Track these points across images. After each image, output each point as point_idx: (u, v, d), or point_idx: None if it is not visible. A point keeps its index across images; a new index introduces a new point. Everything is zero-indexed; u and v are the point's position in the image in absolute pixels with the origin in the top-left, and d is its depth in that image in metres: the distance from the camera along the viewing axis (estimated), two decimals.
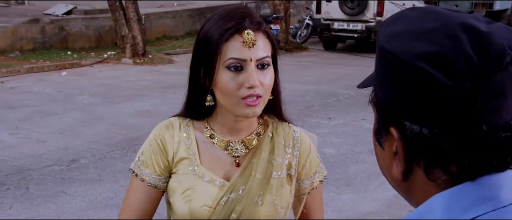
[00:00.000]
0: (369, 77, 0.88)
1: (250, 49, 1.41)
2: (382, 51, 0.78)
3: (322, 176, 1.64)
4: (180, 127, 1.56)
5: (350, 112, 7.91)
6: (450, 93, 0.71)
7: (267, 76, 1.44)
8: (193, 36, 15.30)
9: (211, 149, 1.53)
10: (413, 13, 0.80)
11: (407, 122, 0.75)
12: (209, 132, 1.54)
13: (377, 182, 5.22)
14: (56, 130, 6.80)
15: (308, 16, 16.17)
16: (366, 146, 6.28)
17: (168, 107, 7.88)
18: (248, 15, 1.44)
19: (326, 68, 12.17)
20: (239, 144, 1.53)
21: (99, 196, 4.81)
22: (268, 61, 1.45)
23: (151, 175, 1.54)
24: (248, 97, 1.41)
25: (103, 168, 5.47)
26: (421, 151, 0.76)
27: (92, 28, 13.96)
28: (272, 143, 1.54)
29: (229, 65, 1.41)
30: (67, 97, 8.68)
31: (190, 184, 1.50)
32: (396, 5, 14.94)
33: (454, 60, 0.71)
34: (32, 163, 5.58)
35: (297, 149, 1.57)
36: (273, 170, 1.51)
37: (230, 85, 1.41)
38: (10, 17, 13.16)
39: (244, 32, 1.41)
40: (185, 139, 1.54)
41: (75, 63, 11.71)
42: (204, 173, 1.50)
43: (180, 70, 11.17)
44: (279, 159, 1.52)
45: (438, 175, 0.76)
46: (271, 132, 1.55)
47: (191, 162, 1.52)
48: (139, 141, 6.30)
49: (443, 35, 0.73)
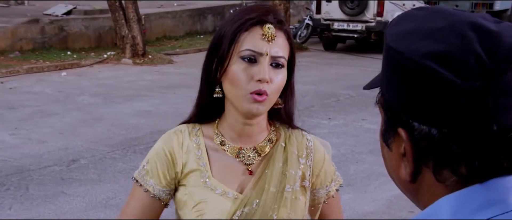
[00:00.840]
0: (375, 79, 0.87)
1: (268, 44, 1.37)
2: (390, 51, 0.77)
3: (338, 184, 1.59)
4: (190, 135, 1.49)
5: (350, 112, 7.90)
6: (459, 92, 0.70)
7: (279, 76, 1.39)
8: (193, 36, 15.34)
9: (222, 158, 1.47)
10: (420, 12, 0.79)
11: (416, 122, 0.74)
12: (219, 138, 1.47)
13: (377, 182, 5.22)
14: (56, 130, 6.80)
15: (308, 16, 16.16)
16: (366, 146, 6.28)
17: (168, 107, 7.89)
18: (272, 11, 1.41)
19: (326, 68, 12.17)
20: (251, 151, 1.47)
21: (99, 196, 4.80)
22: (282, 63, 1.40)
23: (155, 186, 1.47)
24: (256, 93, 1.36)
25: (103, 169, 5.47)
26: (430, 151, 0.74)
27: (92, 29, 13.96)
28: (285, 153, 1.48)
29: (243, 56, 1.37)
30: (67, 97, 8.67)
31: (202, 197, 1.43)
32: (396, 5, 14.94)
33: (463, 59, 0.71)
34: (32, 163, 5.58)
35: (311, 159, 1.52)
36: (287, 183, 1.45)
37: (241, 76, 1.36)
38: (9, 18, 13.15)
39: (266, 25, 1.38)
40: (195, 149, 1.47)
41: (75, 63, 11.71)
42: (216, 186, 1.44)
43: (180, 71, 11.18)
44: (292, 171, 1.47)
45: (447, 176, 0.75)
46: (284, 141, 1.50)
47: (202, 174, 1.45)
48: (139, 141, 6.31)
49: (452, 34, 0.73)
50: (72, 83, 9.89)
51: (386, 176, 3.83)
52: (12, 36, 12.41)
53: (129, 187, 5.06)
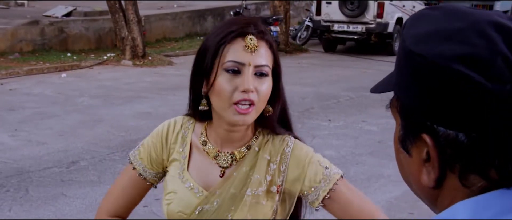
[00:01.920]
0: (386, 81, 0.84)
1: (251, 54, 1.40)
2: (410, 54, 0.74)
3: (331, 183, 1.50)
4: (182, 127, 1.58)
5: (350, 114, 7.90)
6: (489, 95, 0.68)
7: (264, 84, 1.42)
8: (193, 38, 15.33)
9: (201, 156, 1.55)
10: (435, 12, 0.76)
11: (442, 127, 0.72)
12: (203, 138, 1.55)
13: (377, 184, 5.22)
14: (55, 132, 6.80)
15: (308, 17, 16.17)
16: (366, 148, 6.28)
17: (168, 109, 7.88)
18: (253, 22, 1.44)
19: (326, 70, 12.17)
20: (228, 155, 1.52)
21: (99, 198, 4.79)
22: (267, 71, 1.43)
23: (143, 166, 1.59)
24: (241, 102, 1.39)
25: (103, 170, 5.47)
26: (457, 157, 0.72)
27: (91, 30, 13.96)
28: (255, 158, 1.51)
29: (227, 67, 1.40)
30: (66, 99, 8.67)
31: (174, 188, 1.53)
32: (396, 7, 14.96)
33: (491, 61, 0.69)
34: (32, 165, 5.57)
35: (285, 165, 1.50)
36: (249, 187, 1.48)
37: (225, 86, 1.40)
38: (9, 19, 13.15)
39: (247, 37, 1.41)
40: (181, 141, 1.57)
41: (75, 65, 11.71)
42: (187, 179, 1.52)
43: (179, 72, 11.18)
44: (258, 175, 1.48)
45: (474, 181, 0.73)
46: (258, 146, 1.52)
47: (180, 165, 1.55)
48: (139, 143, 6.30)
49: (474, 34, 0.71)
50: (72, 85, 9.89)
51: (386, 178, 3.87)
52: (12, 37, 12.41)
53: None
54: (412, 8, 15.52)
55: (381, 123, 7.30)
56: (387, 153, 6.05)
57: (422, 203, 2.43)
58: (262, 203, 1.49)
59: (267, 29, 1.48)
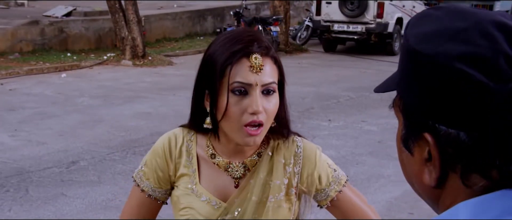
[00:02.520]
0: (389, 81, 0.85)
1: (257, 74, 1.38)
2: (413, 54, 0.74)
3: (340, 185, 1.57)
4: (184, 141, 1.54)
5: (350, 114, 7.90)
6: (491, 95, 0.68)
7: (271, 102, 1.41)
8: (193, 38, 15.32)
9: (211, 168, 1.52)
10: (438, 12, 0.77)
11: (443, 126, 0.72)
12: (211, 151, 1.52)
13: (377, 184, 5.22)
14: (55, 132, 6.80)
15: (308, 17, 16.17)
16: (366, 148, 6.28)
17: (168, 109, 7.88)
18: (256, 39, 1.41)
19: (326, 70, 12.17)
20: (240, 166, 1.51)
21: (99, 198, 4.80)
22: (274, 88, 1.42)
23: (151, 186, 1.56)
24: (250, 125, 1.38)
25: (103, 170, 5.47)
26: (458, 156, 0.72)
27: (91, 30, 13.96)
28: (271, 163, 1.51)
29: (233, 88, 1.38)
30: (66, 99, 8.67)
31: (189, 202, 1.51)
32: (396, 7, 14.96)
33: (493, 60, 0.69)
34: (32, 165, 5.57)
35: (299, 165, 1.52)
36: (270, 193, 1.48)
37: (233, 109, 1.38)
38: (9, 19, 13.15)
39: (252, 56, 1.38)
40: (186, 155, 1.53)
41: (75, 65, 11.71)
42: (202, 193, 1.50)
43: (179, 72, 11.18)
44: (277, 181, 1.49)
45: (475, 181, 0.73)
46: (271, 150, 1.52)
47: (191, 180, 1.52)
48: (139, 143, 6.30)
49: (478, 34, 0.71)
50: (72, 85, 9.89)
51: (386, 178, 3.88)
52: (12, 37, 12.41)
53: (129, 188, 5.06)
54: (412, 8, 15.51)
55: (381, 123, 7.30)
56: (387, 153, 6.05)
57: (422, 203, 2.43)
58: (283, 207, 1.50)
59: (269, 44, 1.45)
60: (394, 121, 0.82)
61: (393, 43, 14.84)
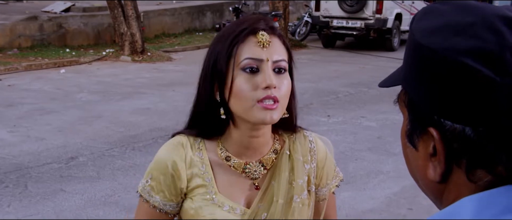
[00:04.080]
0: (394, 76, 0.84)
1: (265, 49, 1.34)
2: (419, 48, 0.74)
3: (338, 180, 1.59)
4: (192, 149, 1.44)
5: (349, 110, 7.90)
6: (497, 89, 0.68)
7: (284, 81, 1.35)
8: (192, 33, 15.28)
9: (227, 173, 1.44)
10: (444, 7, 0.76)
11: (448, 121, 0.72)
12: (224, 153, 1.44)
13: (376, 180, 5.22)
14: (54, 128, 6.79)
15: (307, 13, 16.16)
16: (365, 144, 6.28)
17: (167, 105, 7.88)
18: (263, 19, 1.39)
19: (325, 66, 12.17)
20: (256, 165, 1.44)
21: (98, 194, 4.80)
22: (284, 66, 1.36)
23: (161, 201, 1.45)
24: (265, 100, 1.31)
25: (102, 166, 5.47)
26: (464, 151, 0.72)
27: (90, 26, 13.95)
28: (291, 162, 1.46)
29: (244, 66, 1.32)
30: (65, 95, 8.67)
31: (210, 215, 1.41)
32: (395, 2, 14.95)
33: (500, 55, 0.69)
34: (31, 161, 5.57)
35: (315, 160, 1.50)
36: (294, 193, 1.44)
37: (245, 87, 1.31)
38: (8, 15, 13.13)
39: (259, 33, 1.34)
40: (199, 164, 1.43)
41: (74, 60, 11.70)
42: (223, 202, 1.41)
43: (178, 68, 11.18)
44: (300, 180, 1.45)
45: (481, 176, 0.72)
46: (288, 149, 1.47)
47: (208, 190, 1.42)
48: (138, 139, 6.30)
49: (484, 29, 0.70)
50: (71, 80, 9.88)
51: (385, 174, 3.88)
52: (11, 33, 12.40)
53: (128, 184, 5.05)
54: (411, 4, 15.50)
55: (380, 118, 7.30)
56: (386, 149, 6.06)
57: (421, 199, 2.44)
58: (307, 205, 1.48)
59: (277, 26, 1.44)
60: (394, 116, 0.82)
61: (392, 39, 14.83)
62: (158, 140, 6.14)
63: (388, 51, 14.44)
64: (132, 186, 4.73)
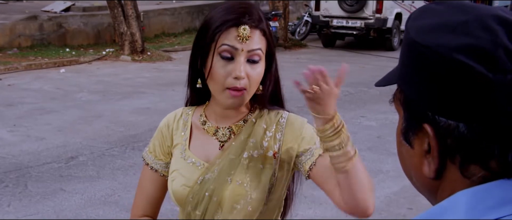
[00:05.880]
0: (390, 75, 0.86)
1: (244, 43, 1.48)
2: (414, 46, 0.75)
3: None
4: (182, 114, 1.67)
5: (349, 110, 7.91)
6: (491, 86, 0.69)
7: (256, 70, 1.50)
8: (192, 33, 15.29)
9: (201, 135, 1.63)
10: (440, 6, 0.78)
11: (443, 117, 0.73)
12: (202, 118, 1.63)
13: (376, 179, 5.22)
14: (54, 127, 6.80)
15: (307, 13, 16.16)
16: (365, 144, 6.29)
17: (167, 104, 7.88)
18: (248, 12, 1.50)
19: (325, 65, 11.89)
20: (226, 130, 1.60)
21: (98, 193, 4.80)
22: (259, 56, 1.50)
23: (153, 159, 1.67)
24: (233, 89, 1.48)
25: (102, 165, 5.47)
26: (457, 147, 0.73)
27: (90, 25, 13.95)
28: (252, 127, 1.59)
29: (221, 52, 1.48)
30: (65, 94, 8.67)
31: (177, 166, 1.61)
32: (395, 2, 14.95)
33: (493, 53, 0.70)
34: (31, 160, 5.58)
35: (281, 133, 1.57)
36: (246, 150, 1.55)
37: (219, 71, 1.49)
38: (8, 14, 13.13)
39: (241, 27, 1.48)
40: (182, 126, 1.65)
41: (74, 60, 11.70)
42: (189, 156, 1.60)
43: (178, 68, 11.17)
44: (253, 139, 1.56)
45: (474, 172, 0.74)
46: (255, 117, 1.60)
47: (182, 147, 1.62)
48: (138, 138, 6.30)
49: (478, 27, 0.72)
50: (71, 80, 9.88)
51: (385, 173, 3.88)
52: (11, 33, 12.40)
53: (128, 183, 5.06)
54: (411, 3, 15.51)
55: (380, 118, 7.30)
56: (386, 148, 6.06)
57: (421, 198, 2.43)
58: (259, 167, 1.54)
59: (263, 16, 1.53)
60: (393, 116, 0.82)
61: (392, 39, 14.84)
62: None
63: (388, 51, 14.45)
64: (132, 186, 4.73)
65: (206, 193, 1.54)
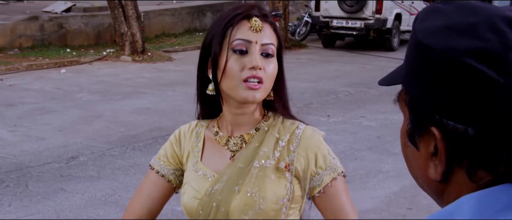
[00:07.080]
0: (394, 74, 0.84)
1: (257, 34, 1.47)
2: (421, 48, 0.74)
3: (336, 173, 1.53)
4: (196, 125, 1.65)
5: (349, 110, 7.91)
6: (500, 90, 0.68)
7: (270, 65, 1.48)
8: (192, 33, 15.30)
9: (214, 146, 1.59)
10: (447, 7, 0.76)
11: (451, 121, 0.72)
12: (215, 129, 1.60)
13: (376, 179, 5.23)
14: (55, 128, 6.80)
15: (307, 13, 16.16)
16: (365, 144, 6.29)
17: (167, 104, 7.89)
18: (257, 6, 1.52)
19: (325, 66, 12.18)
20: (237, 139, 1.56)
21: (98, 193, 4.81)
22: (272, 51, 1.49)
23: (160, 163, 1.64)
24: (250, 79, 1.45)
25: (102, 165, 5.48)
26: (465, 151, 0.72)
27: (91, 26, 13.96)
28: (264, 135, 1.54)
29: (235, 46, 1.46)
30: (66, 95, 8.68)
31: (188, 179, 1.58)
32: (395, 2, 14.96)
33: (503, 56, 0.68)
34: (31, 160, 5.59)
35: (296, 145, 1.52)
36: (256, 159, 1.50)
37: (233, 66, 1.45)
38: (9, 15, 13.15)
39: (252, 18, 1.48)
40: (195, 137, 1.62)
41: (74, 60, 11.71)
42: (200, 168, 1.57)
43: (179, 68, 11.19)
44: (265, 148, 1.51)
45: (482, 176, 0.72)
46: (268, 126, 1.56)
47: (194, 159, 1.59)
48: (138, 139, 6.31)
49: (487, 29, 0.70)
50: (71, 80, 9.89)
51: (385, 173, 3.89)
52: (12, 33, 12.41)
53: (128, 183, 5.08)
54: (411, 4, 15.51)
55: (380, 118, 7.31)
56: (386, 149, 6.07)
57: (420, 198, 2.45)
58: (270, 177, 1.49)
59: (270, 13, 1.54)
60: (393, 116, 0.82)
61: (392, 39, 14.84)
62: (158, 139, 6.15)
63: (387, 51, 14.45)
64: (133, 186, 4.74)
65: (214, 203, 1.50)
